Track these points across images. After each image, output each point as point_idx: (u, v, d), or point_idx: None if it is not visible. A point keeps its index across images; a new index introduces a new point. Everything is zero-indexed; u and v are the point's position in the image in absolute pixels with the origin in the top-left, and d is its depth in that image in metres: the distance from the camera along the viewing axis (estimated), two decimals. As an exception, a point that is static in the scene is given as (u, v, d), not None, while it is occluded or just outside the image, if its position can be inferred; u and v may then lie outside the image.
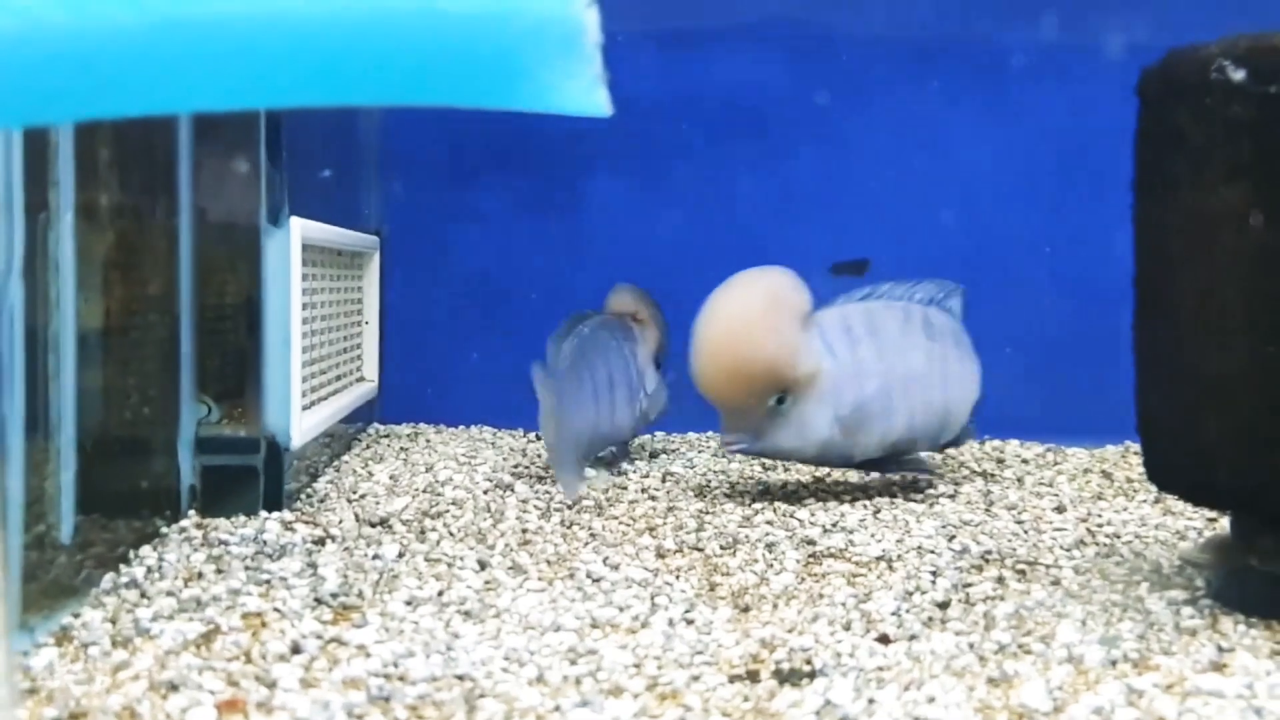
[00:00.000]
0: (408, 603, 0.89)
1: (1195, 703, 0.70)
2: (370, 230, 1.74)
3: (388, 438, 1.73)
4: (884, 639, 0.82)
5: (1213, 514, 1.21)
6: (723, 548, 1.08)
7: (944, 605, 0.91)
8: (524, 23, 0.54)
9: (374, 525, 1.14)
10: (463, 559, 1.02)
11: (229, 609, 0.86)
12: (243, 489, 1.16)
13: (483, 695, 0.71)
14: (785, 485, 1.37)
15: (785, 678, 0.75)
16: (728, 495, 1.33)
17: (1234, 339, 0.85)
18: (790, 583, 0.97)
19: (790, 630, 0.84)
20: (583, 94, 0.55)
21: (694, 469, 1.48)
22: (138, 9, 0.54)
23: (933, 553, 1.07)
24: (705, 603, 0.91)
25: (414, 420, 1.85)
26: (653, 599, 0.92)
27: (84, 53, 0.54)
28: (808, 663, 0.77)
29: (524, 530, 1.14)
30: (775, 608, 0.90)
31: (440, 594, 0.92)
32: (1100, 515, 1.24)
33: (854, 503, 1.29)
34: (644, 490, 1.34)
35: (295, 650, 0.78)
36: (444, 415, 1.84)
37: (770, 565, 1.03)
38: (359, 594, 0.91)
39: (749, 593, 0.94)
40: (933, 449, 1.37)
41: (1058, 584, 0.97)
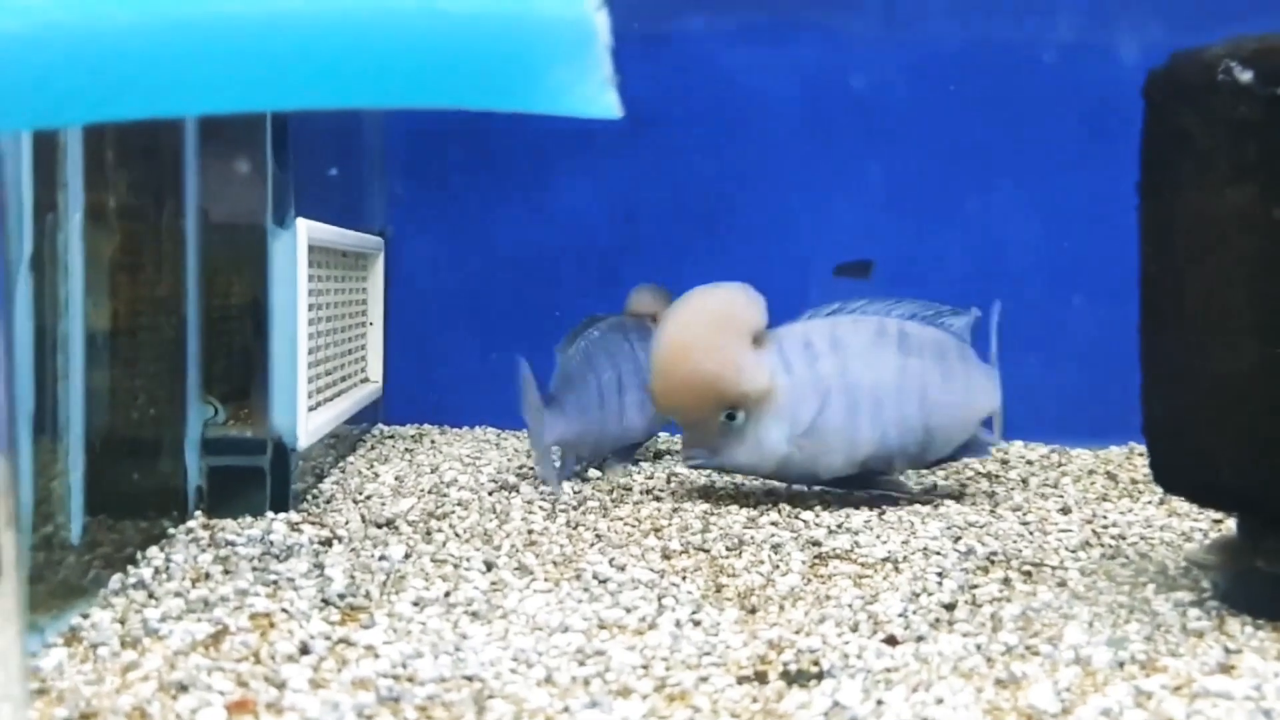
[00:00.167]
0: (415, 604, 0.90)
1: (1204, 704, 0.70)
2: (375, 231, 1.74)
3: (392, 438, 1.73)
4: (891, 640, 0.82)
5: (1218, 515, 1.21)
6: (728, 549, 1.09)
7: (950, 607, 0.91)
8: (534, 25, 0.54)
9: (380, 526, 1.14)
10: (469, 560, 1.02)
11: (237, 610, 0.86)
12: (249, 490, 1.16)
13: (492, 696, 0.71)
14: (789, 486, 1.37)
15: (793, 679, 0.75)
16: (732, 496, 1.33)
17: (1240, 340, 0.85)
18: (796, 584, 0.97)
19: (797, 631, 0.84)
20: (593, 96, 0.55)
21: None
22: (146, 12, 0.54)
23: (938, 554, 1.07)
24: (712, 604, 0.91)
25: (418, 421, 1.85)
26: (659, 600, 0.92)
27: (92, 55, 0.54)
28: (815, 664, 0.78)
29: (529, 531, 1.14)
30: (782, 609, 0.90)
31: (447, 595, 0.92)
32: (1106, 517, 1.24)
33: (859, 504, 1.29)
34: (649, 491, 1.34)
35: (304, 651, 0.78)
36: (448, 416, 1.84)
37: (776, 566, 1.03)
38: (366, 595, 0.91)
39: (755, 594, 0.95)
40: (919, 467, 1.33)
41: (1064, 585, 0.97)
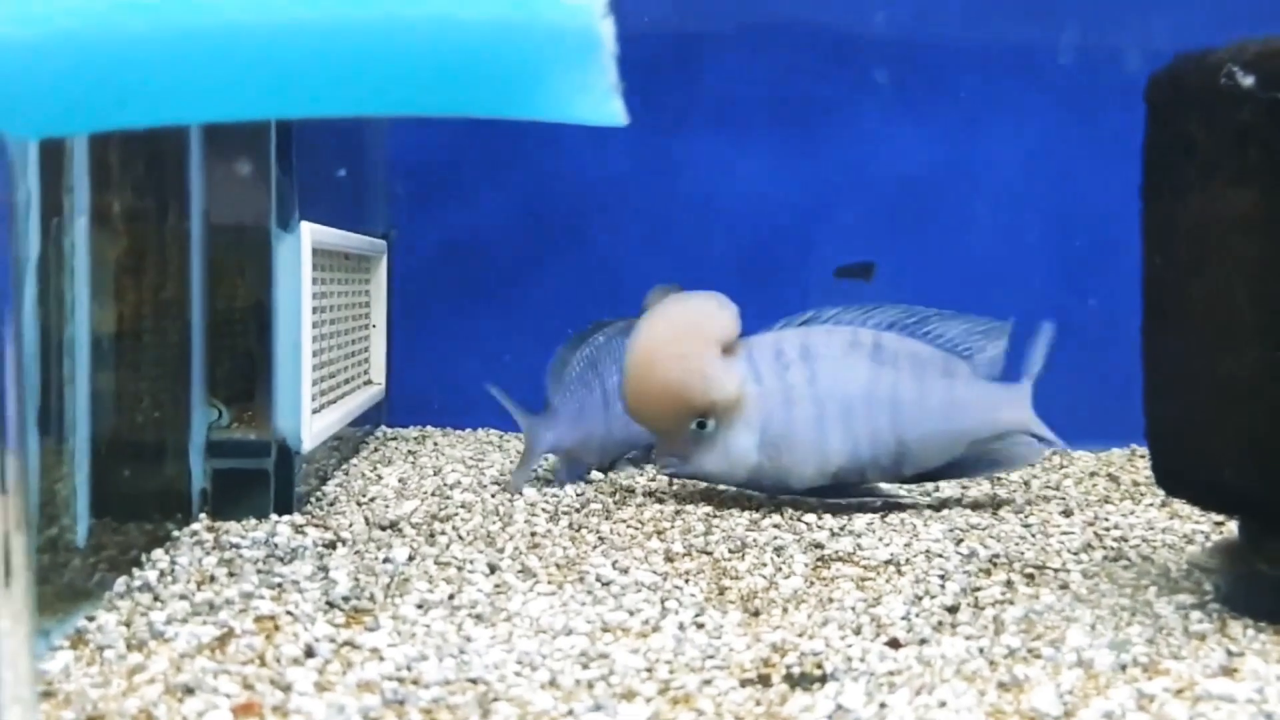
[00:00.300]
0: (419, 606, 0.90)
1: (1206, 707, 0.70)
2: (378, 234, 1.74)
3: (395, 440, 1.73)
4: (894, 643, 0.83)
5: (1220, 518, 1.21)
6: (731, 551, 1.09)
7: (953, 609, 0.91)
8: (540, 33, 0.54)
9: (384, 528, 1.14)
10: (473, 562, 1.02)
11: (242, 612, 0.87)
12: (253, 492, 1.16)
13: (496, 699, 0.71)
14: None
15: (796, 682, 0.75)
16: (735, 499, 1.33)
17: (1243, 344, 0.85)
18: (799, 586, 0.97)
19: (800, 634, 0.85)
20: (598, 103, 0.55)
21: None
22: (155, 21, 0.54)
23: (941, 556, 1.07)
24: (715, 606, 0.92)
25: (421, 423, 1.85)
26: (663, 603, 0.92)
27: (102, 64, 0.55)
28: (818, 667, 0.78)
29: (533, 533, 1.14)
30: (785, 612, 0.91)
31: (451, 597, 0.92)
32: (1107, 519, 1.24)
33: (861, 506, 1.29)
34: (651, 494, 1.35)
35: (309, 653, 0.79)
36: (451, 418, 1.85)
37: (779, 569, 1.03)
38: (370, 597, 0.91)
39: (758, 596, 0.95)
40: (897, 481, 1.30)
41: (1066, 588, 0.97)
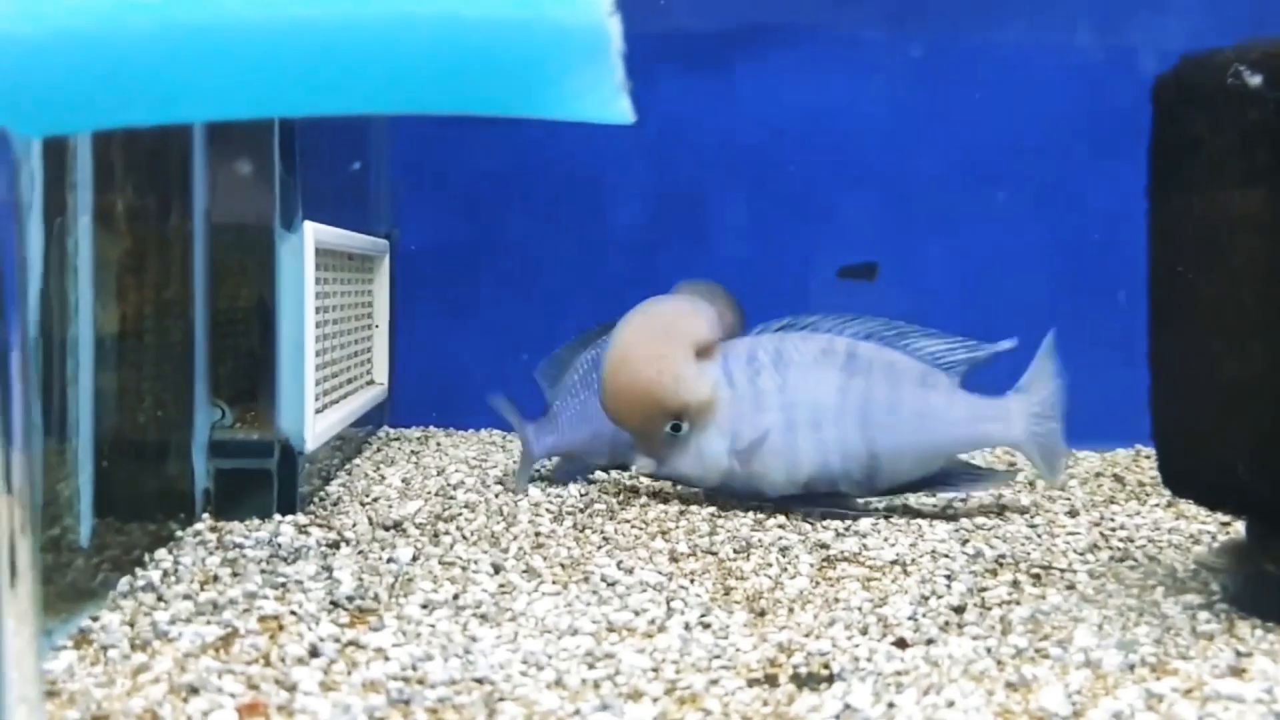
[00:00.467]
0: (424, 606, 0.90)
1: (1215, 707, 0.70)
2: (380, 234, 1.74)
3: (398, 441, 1.73)
4: (901, 643, 0.82)
5: (1227, 518, 1.21)
6: (736, 551, 1.09)
7: (960, 609, 0.91)
8: (547, 31, 0.54)
9: (387, 528, 1.14)
10: (477, 562, 1.02)
11: (246, 612, 0.86)
12: (257, 492, 1.16)
13: (502, 699, 0.71)
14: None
15: (804, 682, 0.75)
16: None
17: (1250, 344, 0.85)
18: (805, 587, 0.97)
19: (807, 634, 0.84)
20: (606, 102, 0.55)
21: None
22: (161, 18, 0.54)
23: (947, 557, 1.07)
24: (721, 607, 0.91)
25: (424, 424, 1.85)
26: (668, 603, 0.92)
27: (108, 62, 0.54)
28: (825, 667, 0.78)
29: (537, 534, 1.14)
30: (791, 612, 0.90)
31: (456, 597, 0.92)
32: (1113, 519, 1.24)
33: (866, 506, 1.28)
34: (656, 494, 1.34)
35: (313, 653, 0.78)
36: (454, 419, 1.84)
37: (784, 569, 1.03)
38: (375, 597, 0.91)
39: (764, 597, 0.95)
40: (872, 493, 1.27)
41: (1073, 588, 0.97)
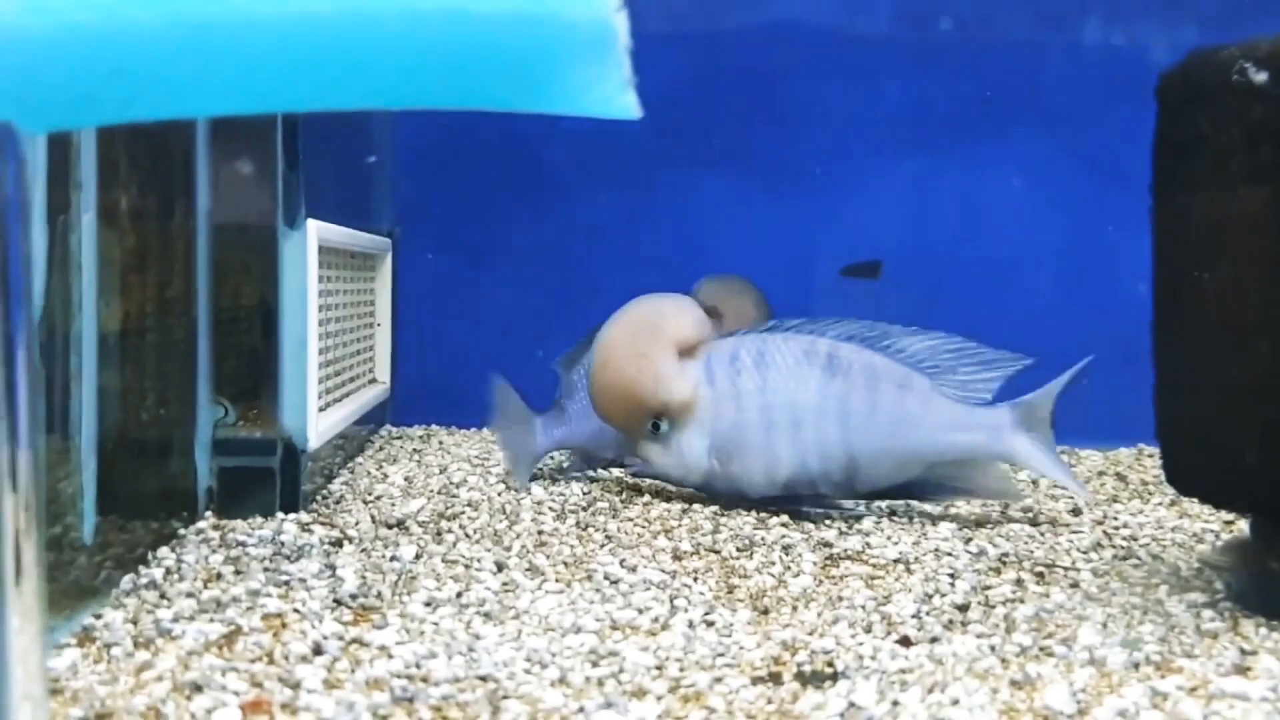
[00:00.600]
0: (427, 604, 0.90)
1: (1220, 705, 0.70)
2: (383, 232, 1.74)
3: (400, 439, 1.73)
4: (905, 641, 0.82)
5: (1230, 516, 1.21)
6: (739, 550, 1.08)
7: (964, 608, 0.90)
8: (554, 26, 0.54)
9: (390, 527, 1.14)
10: (480, 561, 1.02)
11: (249, 610, 0.86)
12: (259, 490, 1.16)
13: (506, 696, 0.71)
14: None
15: (808, 680, 0.75)
16: (742, 497, 1.33)
17: (1254, 342, 0.85)
18: (809, 585, 0.97)
19: (811, 632, 0.84)
20: (612, 96, 0.55)
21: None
22: (167, 13, 0.54)
23: (950, 555, 1.07)
24: (724, 605, 0.91)
25: (426, 422, 1.85)
26: (672, 601, 0.92)
27: (114, 56, 0.54)
28: (829, 665, 0.77)
29: (540, 532, 1.14)
30: (795, 610, 0.90)
31: (459, 595, 0.92)
32: (1116, 518, 1.24)
33: (869, 505, 1.28)
34: (658, 492, 1.34)
35: (317, 651, 0.78)
36: (456, 417, 1.84)
37: (788, 567, 1.03)
38: (378, 595, 0.91)
39: (767, 595, 0.94)
40: (853, 496, 1.26)
41: (1077, 587, 0.97)
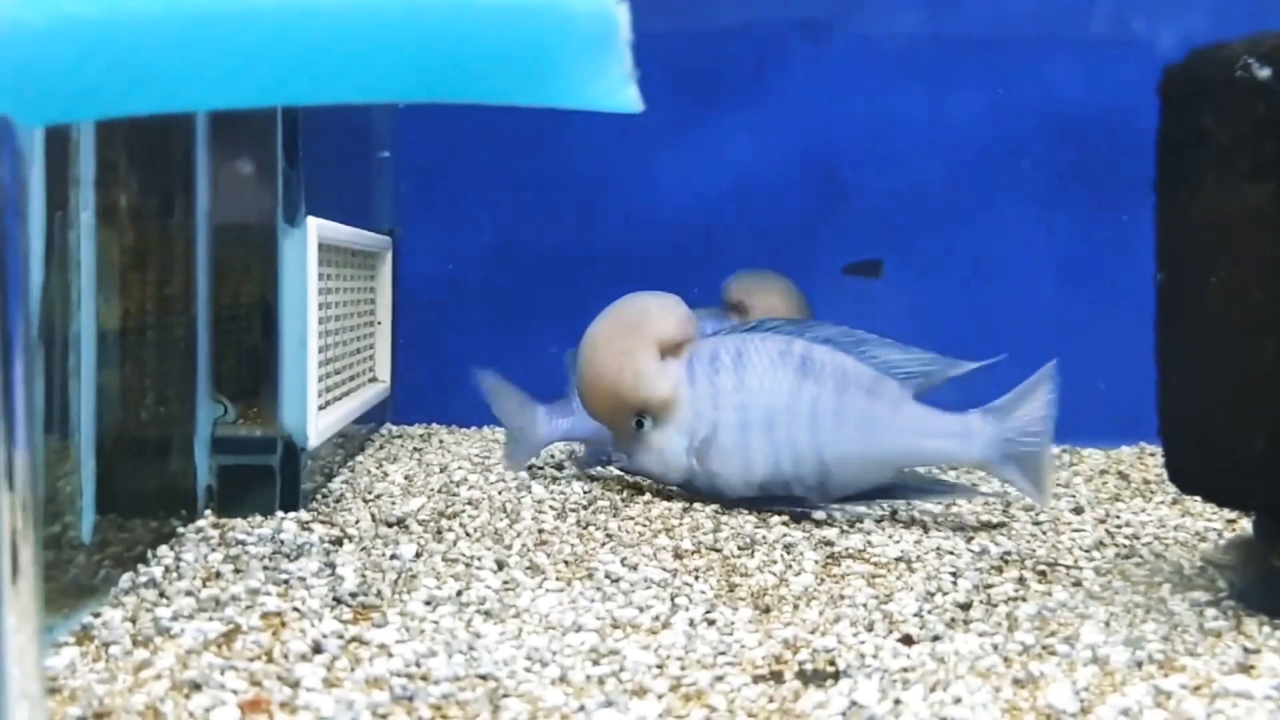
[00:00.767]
0: (427, 602, 0.89)
1: (1224, 704, 0.70)
2: (383, 230, 1.74)
3: (401, 438, 1.73)
4: (907, 640, 0.82)
5: (1233, 515, 1.20)
6: (740, 548, 1.08)
7: (966, 606, 0.90)
8: (555, 18, 0.53)
9: (390, 525, 1.14)
10: (480, 559, 1.02)
11: (248, 609, 0.86)
12: (259, 489, 1.15)
13: (507, 695, 0.71)
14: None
15: (809, 679, 0.74)
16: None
17: (1258, 339, 0.84)
18: (810, 583, 0.96)
19: (812, 631, 0.84)
20: (613, 90, 0.54)
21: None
22: (166, 5, 0.53)
23: (952, 553, 1.06)
24: (725, 603, 0.91)
25: (426, 421, 1.84)
26: (673, 599, 0.91)
27: (114, 49, 0.54)
28: (831, 664, 0.77)
29: (540, 530, 1.13)
30: (796, 608, 0.90)
31: (459, 594, 0.91)
32: (1119, 516, 1.24)
33: (870, 503, 1.28)
34: (659, 491, 1.34)
35: (316, 650, 0.78)
36: (456, 416, 1.84)
37: (789, 566, 1.02)
38: (378, 594, 0.91)
39: (769, 593, 0.94)
40: (830, 500, 1.24)
41: (1079, 585, 0.97)
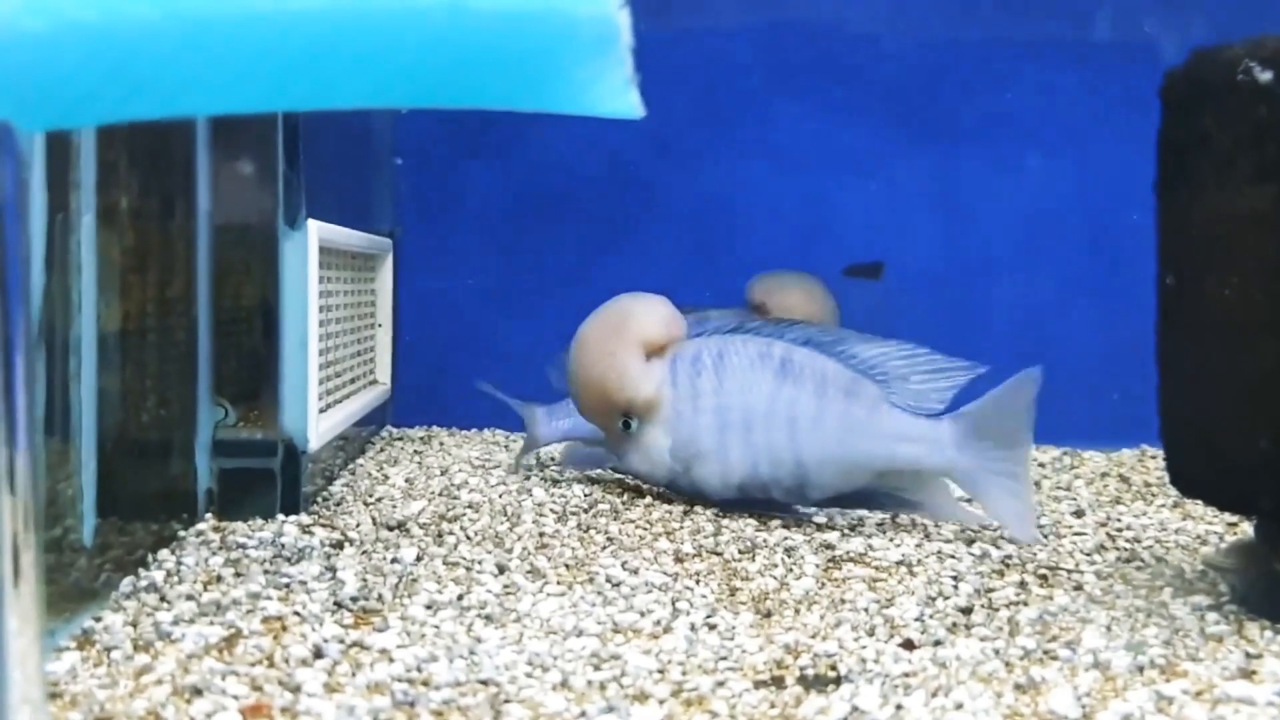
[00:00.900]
0: (428, 606, 0.89)
1: (1226, 710, 0.69)
2: (383, 232, 1.74)
3: (401, 440, 1.73)
4: (908, 644, 0.82)
5: (1234, 519, 1.20)
6: (741, 552, 1.08)
7: (967, 611, 0.90)
8: (556, 23, 0.53)
9: (391, 529, 1.14)
10: (481, 563, 1.01)
11: (249, 613, 0.86)
12: (260, 492, 1.15)
13: (508, 700, 0.71)
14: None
15: (811, 684, 0.74)
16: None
17: (1260, 342, 0.84)
18: (811, 588, 0.96)
19: (814, 636, 0.84)
20: (615, 95, 0.54)
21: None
22: (166, 11, 0.53)
23: (953, 557, 1.06)
24: (727, 608, 0.91)
25: (427, 423, 1.84)
26: (673, 604, 0.91)
27: (115, 55, 0.54)
28: (833, 669, 0.77)
29: (541, 534, 1.13)
30: (797, 613, 0.90)
31: (460, 598, 0.91)
32: (1120, 520, 1.24)
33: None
34: (660, 494, 1.34)
35: (317, 654, 0.78)
36: (457, 418, 1.84)
37: (790, 570, 1.02)
38: (379, 598, 0.91)
39: (770, 598, 0.94)
40: (803, 502, 1.23)
41: (1080, 589, 0.97)
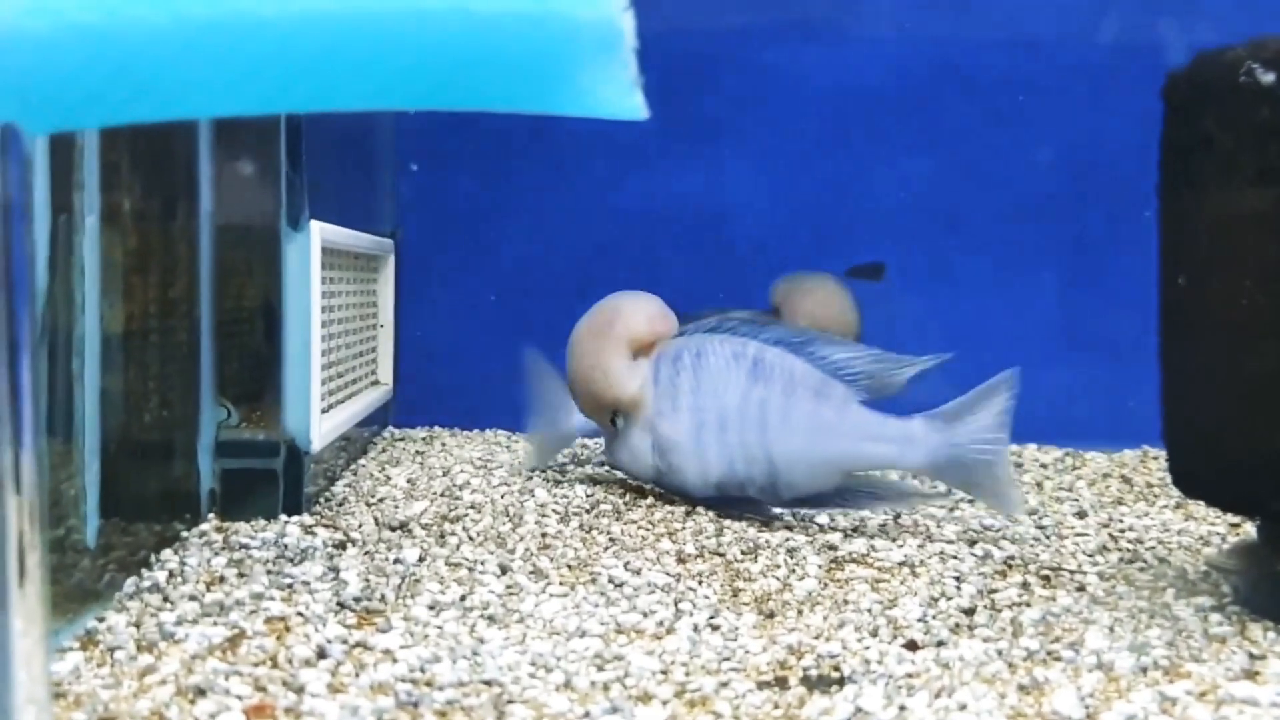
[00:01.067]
0: (430, 607, 0.89)
1: (1229, 711, 0.69)
2: (385, 233, 1.74)
3: (403, 441, 1.73)
4: (912, 645, 0.82)
5: (1236, 519, 1.20)
6: (744, 553, 1.08)
7: (970, 611, 0.90)
8: (560, 26, 0.53)
9: (394, 529, 1.14)
10: (483, 563, 1.02)
11: (252, 613, 0.86)
12: (262, 492, 1.15)
13: (511, 701, 0.71)
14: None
15: (814, 684, 0.74)
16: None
17: (1262, 343, 0.84)
18: (814, 588, 0.96)
19: (817, 636, 0.84)
20: (618, 97, 0.54)
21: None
22: (171, 13, 0.53)
23: (955, 558, 1.06)
24: (729, 608, 0.91)
25: (429, 424, 1.84)
26: (676, 604, 0.91)
27: (118, 57, 0.54)
28: (836, 669, 0.77)
29: (543, 534, 1.13)
30: (800, 614, 0.90)
31: (463, 598, 0.91)
32: (1122, 520, 1.24)
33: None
34: (662, 495, 1.34)
35: (321, 655, 0.78)
36: (459, 419, 1.84)
37: (793, 571, 1.02)
38: (381, 598, 0.91)
39: (773, 598, 0.94)
40: (778, 504, 1.24)
41: (1083, 590, 0.97)
